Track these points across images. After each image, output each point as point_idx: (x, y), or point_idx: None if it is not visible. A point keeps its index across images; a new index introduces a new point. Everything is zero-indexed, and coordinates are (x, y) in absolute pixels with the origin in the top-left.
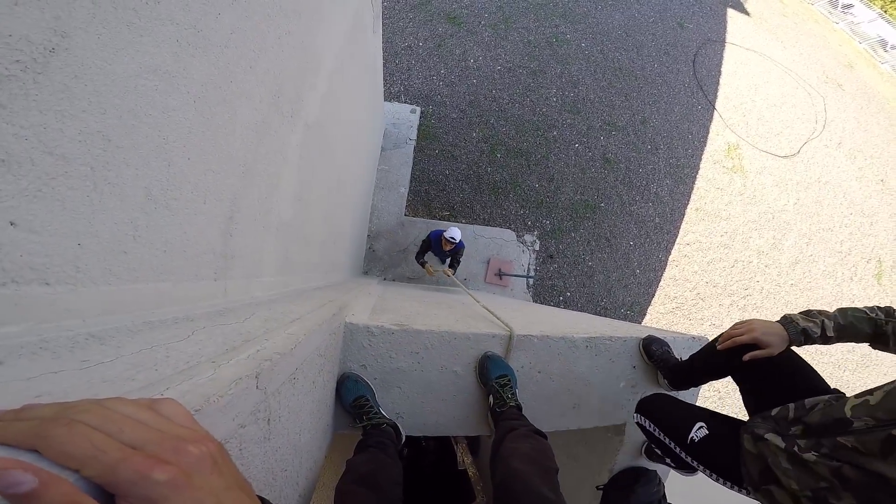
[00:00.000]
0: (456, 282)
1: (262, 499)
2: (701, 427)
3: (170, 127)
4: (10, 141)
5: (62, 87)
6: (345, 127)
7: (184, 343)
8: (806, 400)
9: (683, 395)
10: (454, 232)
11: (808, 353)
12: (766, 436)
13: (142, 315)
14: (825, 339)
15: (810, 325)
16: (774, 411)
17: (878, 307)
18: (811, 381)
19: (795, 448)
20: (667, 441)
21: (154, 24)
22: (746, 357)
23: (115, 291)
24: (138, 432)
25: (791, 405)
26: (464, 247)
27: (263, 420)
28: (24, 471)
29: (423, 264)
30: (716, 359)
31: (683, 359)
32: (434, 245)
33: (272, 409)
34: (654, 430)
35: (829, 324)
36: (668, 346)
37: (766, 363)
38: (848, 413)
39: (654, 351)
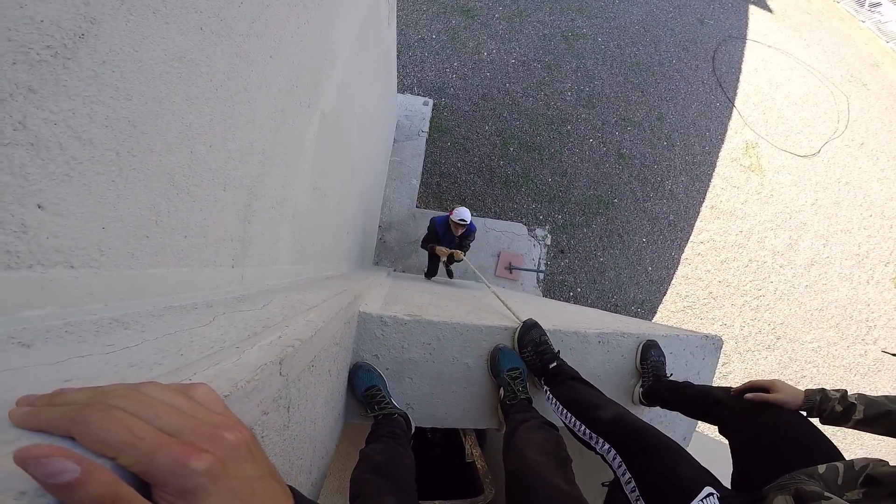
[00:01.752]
0: (469, 265)
1: (290, 487)
2: (711, 495)
3: (193, 114)
4: (39, 126)
5: (91, 72)
6: (359, 118)
7: (206, 328)
8: (854, 459)
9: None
10: (463, 213)
11: (816, 365)
12: (827, 495)
13: (163, 300)
14: (847, 417)
15: (836, 395)
16: (822, 468)
17: None
18: (824, 446)
19: None
20: (639, 503)
21: (179, 11)
22: (750, 396)
23: (137, 276)
24: (174, 418)
25: (838, 463)
26: (475, 230)
27: (284, 407)
28: (66, 458)
29: (432, 248)
30: (704, 398)
31: (673, 377)
32: (441, 231)
33: (292, 397)
34: (628, 482)
35: (859, 406)
36: (665, 359)
37: (767, 420)
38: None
39: (650, 356)
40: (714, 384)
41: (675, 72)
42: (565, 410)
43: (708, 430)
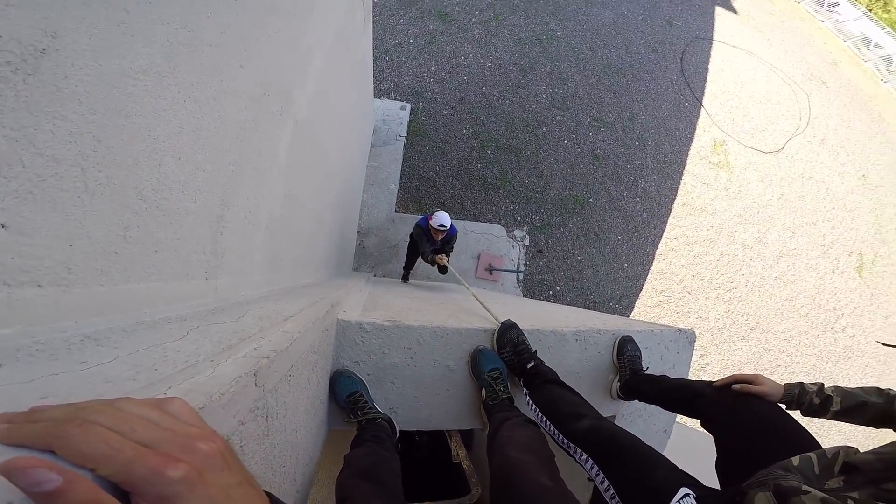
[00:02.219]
0: (452, 272)
1: (267, 494)
2: (687, 496)
3: (160, 127)
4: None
5: (53, 88)
6: (334, 124)
7: (180, 342)
8: (825, 448)
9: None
10: (442, 217)
11: (792, 348)
12: (805, 488)
13: (135, 315)
14: (825, 409)
15: (813, 388)
16: (796, 461)
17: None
18: (802, 436)
19: None
20: None
21: (144, 23)
22: (736, 387)
23: (108, 292)
24: (150, 431)
25: (811, 454)
26: (456, 233)
27: (262, 417)
28: (49, 469)
29: (432, 259)
30: (685, 391)
31: (648, 369)
32: (426, 234)
33: (270, 407)
34: (607, 489)
35: (836, 398)
36: (641, 353)
37: (750, 412)
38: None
39: (626, 350)
40: (691, 377)
41: (646, 73)
42: (544, 418)
43: (689, 421)
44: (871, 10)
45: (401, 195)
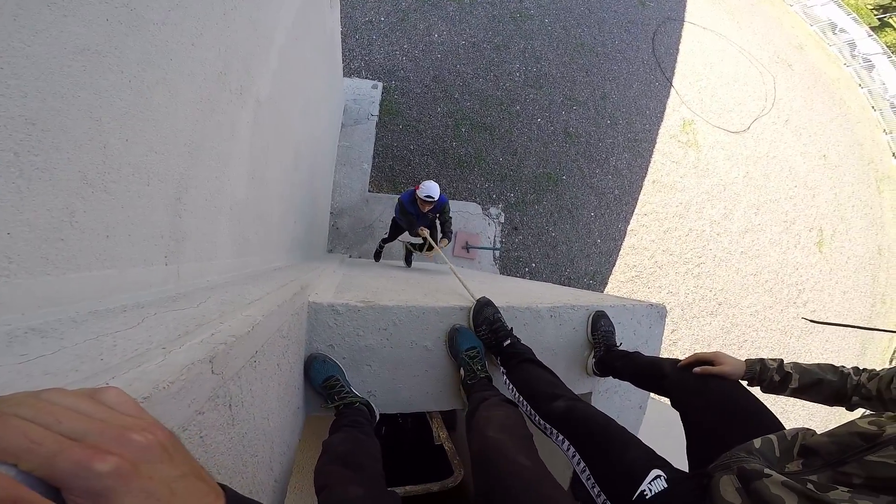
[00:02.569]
0: (443, 256)
1: (223, 486)
2: (658, 477)
3: (103, 108)
4: None
5: None
6: (300, 103)
7: (133, 331)
8: (785, 430)
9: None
10: (430, 187)
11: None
12: (768, 472)
13: (87, 304)
14: (784, 386)
15: (773, 364)
16: (758, 443)
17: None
18: (765, 416)
19: (811, 487)
20: (595, 490)
21: (79, 3)
22: (697, 370)
23: (55, 281)
24: (77, 423)
25: (771, 436)
26: (447, 201)
27: (224, 405)
28: None
29: (417, 246)
30: (653, 370)
31: (622, 346)
32: (412, 210)
33: (233, 395)
34: (583, 470)
35: (795, 375)
36: (614, 329)
37: (714, 392)
38: (865, 426)
39: (600, 326)
40: (662, 352)
41: (618, 52)
42: (521, 398)
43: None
44: None
45: (374, 175)
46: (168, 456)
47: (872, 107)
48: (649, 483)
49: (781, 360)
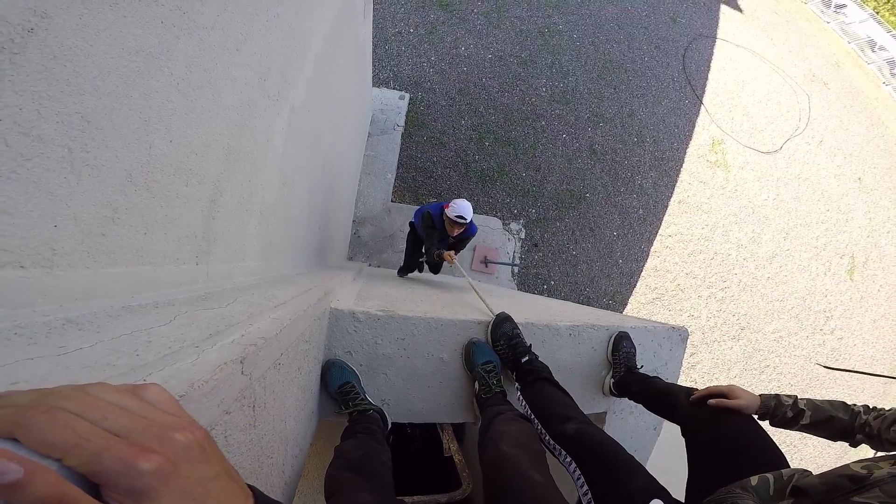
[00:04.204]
0: (458, 266)
1: (250, 487)
2: None
3: (151, 109)
4: None
5: (40, 67)
6: (331, 111)
7: (166, 328)
8: (782, 470)
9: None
10: (463, 207)
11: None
12: None
13: (121, 299)
14: (795, 422)
15: (788, 401)
16: (755, 480)
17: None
18: (773, 453)
19: None
20: None
21: (138, 5)
22: (712, 402)
23: (94, 275)
24: (122, 419)
25: (769, 475)
26: (476, 231)
27: (249, 406)
28: (9, 459)
29: (438, 255)
30: (668, 399)
31: (642, 369)
32: (437, 222)
33: (257, 396)
34: (585, 493)
35: (807, 412)
36: (635, 350)
37: (726, 426)
38: (857, 469)
39: (622, 347)
40: (681, 374)
41: (647, 69)
42: (533, 416)
43: None
44: (878, 13)
45: (397, 185)
46: (205, 456)
47: None
48: None
49: (796, 397)
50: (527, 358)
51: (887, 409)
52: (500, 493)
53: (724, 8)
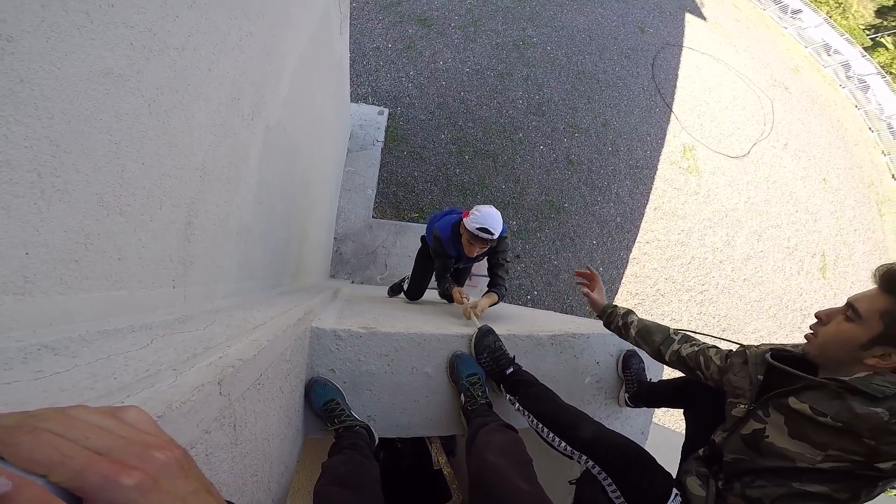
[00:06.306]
0: (474, 319)
1: (229, 503)
2: (676, 495)
3: (122, 131)
4: None
5: (7, 91)
6: (308, 129)
7: (143, 351)
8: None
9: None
10: (490, 217)
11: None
12: (700, 471)
13: (97, 324)
14: (627, 334)
15: (621, 311)
16: (703, 450)
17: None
18: None
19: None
20: None
21: (106, 27)
22: (578, 281)
23: (68, 301)
24: (103, 439)
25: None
26: (506, 233)
27: (229, 426)
28: None
29: (448, 289)
30: (679, 392)
31: (652, 380)
32: (448, 248)
33: (238, 415)
34: (613, 491)
35: (635, 325)
36: (644, 365)
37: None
38: (717, 439)
39: (632, 365)
40: (664, 377)
41: (619, 79)
42: (542, 425)
43: (660, 420)
44: (830, 17)
45: (378, 200)
46: (184, 472)
47: (870, 128)
48: (671, 502)
49: (629, 312)
50: (511, 370)
51: (700, 341)
52: (486, 502)
53: (688, 16)
